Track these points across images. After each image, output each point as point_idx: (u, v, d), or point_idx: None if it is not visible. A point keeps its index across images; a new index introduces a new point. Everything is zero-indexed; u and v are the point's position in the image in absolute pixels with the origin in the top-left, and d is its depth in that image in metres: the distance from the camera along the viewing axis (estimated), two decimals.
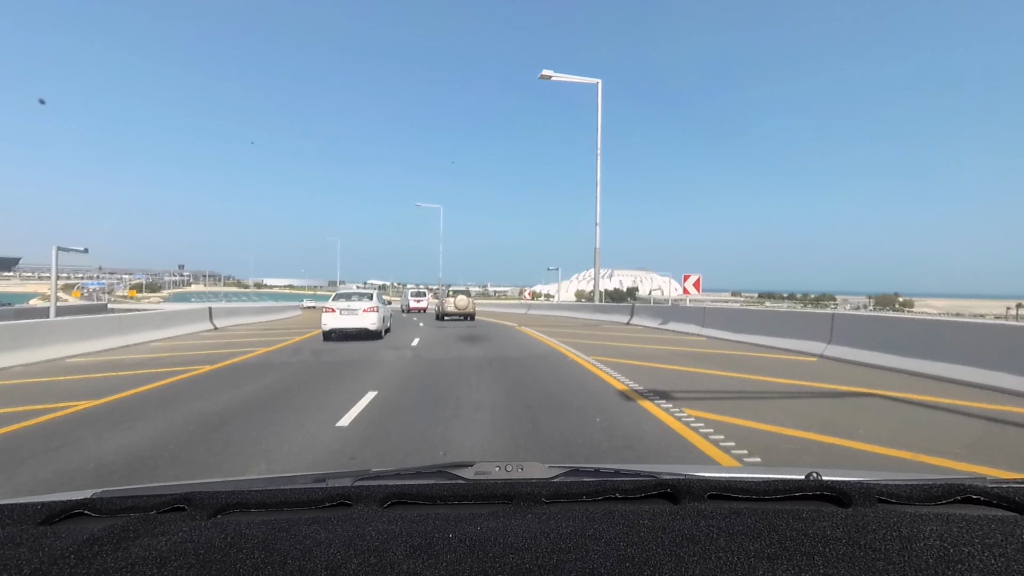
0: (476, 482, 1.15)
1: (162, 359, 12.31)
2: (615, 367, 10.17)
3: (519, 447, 5.16)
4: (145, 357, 12.71)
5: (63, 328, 13.29)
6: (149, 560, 0.79)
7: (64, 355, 12.41)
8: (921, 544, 0.83)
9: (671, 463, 4.73)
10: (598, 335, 17.87)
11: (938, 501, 1.03)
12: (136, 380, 9.26)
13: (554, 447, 5.13)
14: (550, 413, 6.53)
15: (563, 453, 4.96)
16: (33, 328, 12.39)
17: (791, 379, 8.83)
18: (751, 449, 5.00)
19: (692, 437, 5.44)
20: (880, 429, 5.74)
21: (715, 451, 5.00)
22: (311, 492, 1.06)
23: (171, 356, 12.86)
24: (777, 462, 4.70)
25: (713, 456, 4.86)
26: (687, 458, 4.83)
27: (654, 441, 5.32)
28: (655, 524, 0.90)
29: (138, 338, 15.97)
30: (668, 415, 6.36)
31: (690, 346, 14.13)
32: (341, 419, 6.26)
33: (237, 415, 6.59)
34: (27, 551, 0.82)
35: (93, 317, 15.32)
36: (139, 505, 1.00)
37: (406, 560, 0.78)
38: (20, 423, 6.32)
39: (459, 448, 5.13)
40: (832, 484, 1.06)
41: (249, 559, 0.79)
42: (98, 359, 12.30)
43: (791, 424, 5.91)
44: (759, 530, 0.87)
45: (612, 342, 15.27)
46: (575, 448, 5.08)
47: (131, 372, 10.30)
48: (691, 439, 5.37)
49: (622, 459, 4.76)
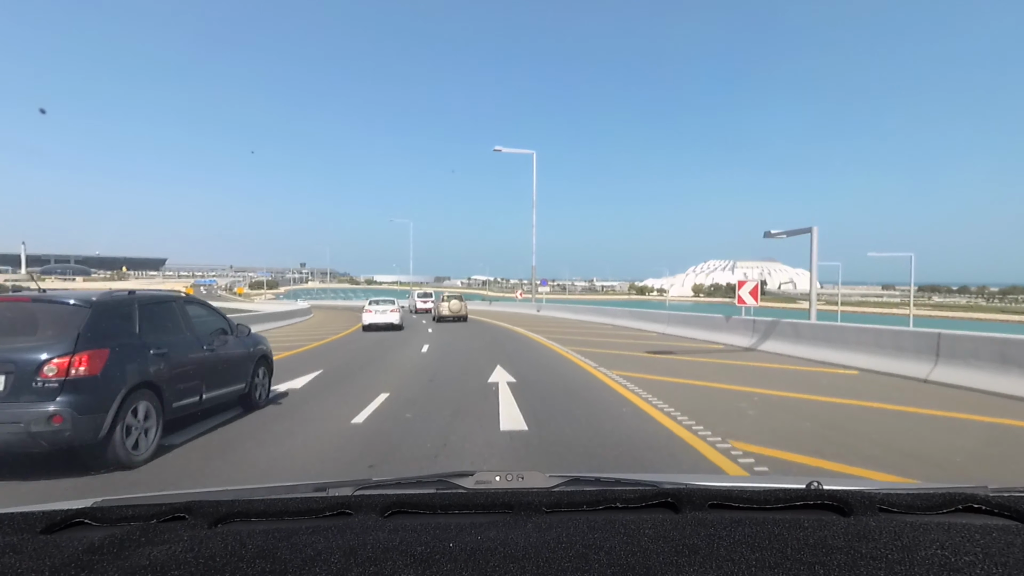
0: (476, 491, 1.15)
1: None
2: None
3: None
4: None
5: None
6: (150, 569, 0.79)
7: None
8: (922, 553, 0.82)
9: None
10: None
11: (939, 510, 1.02)
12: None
13: None
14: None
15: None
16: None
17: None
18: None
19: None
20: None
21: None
22: (311, 501, 1.07)
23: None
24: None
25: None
26: None
27: None
28: (656, 533, 0.90)
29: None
30: None
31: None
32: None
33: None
34: (28, 560, 0.82)
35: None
36: (139, 514, 1.01)
37: (406, 570, 0.78)
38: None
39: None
40: (833, 493, 1.06)
41: (250, 568, 0.79)
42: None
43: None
44: (760, 539, 0.87)
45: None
46: None
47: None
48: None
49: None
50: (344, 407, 7.51)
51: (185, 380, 5.98)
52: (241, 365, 7.21)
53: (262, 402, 7.73)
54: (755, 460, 5.06)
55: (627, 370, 10.79)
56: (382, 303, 25.10)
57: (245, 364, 7.31)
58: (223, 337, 6.99)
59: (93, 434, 4.69)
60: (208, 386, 6.40)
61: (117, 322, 5.32)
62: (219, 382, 6.65)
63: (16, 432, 4.40)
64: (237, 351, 7.16)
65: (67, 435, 4.54)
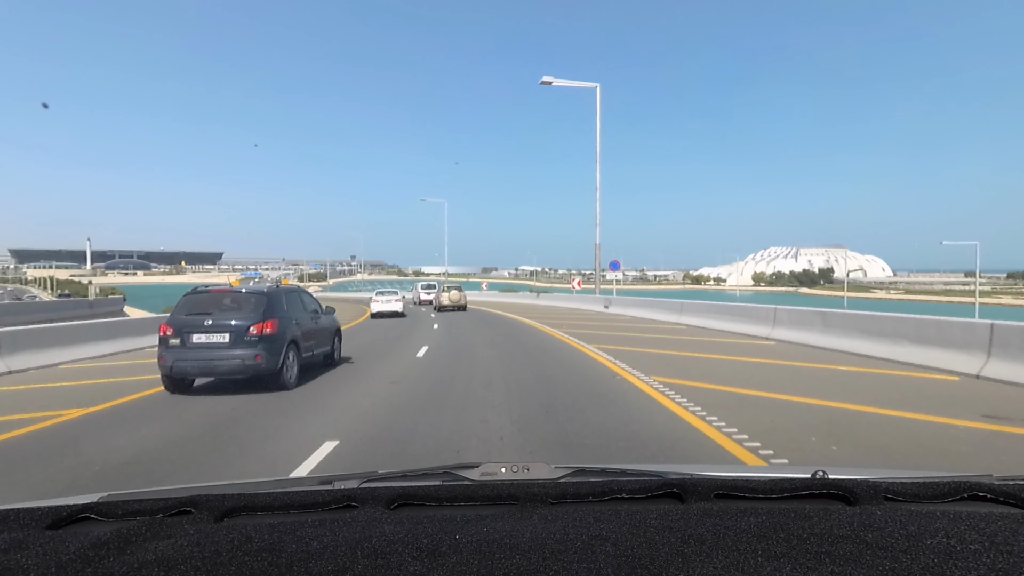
0: (482, 483, 1.15)
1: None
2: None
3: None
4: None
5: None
6: (156, 564, 0.79)
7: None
8: (928, 542, 0.82)
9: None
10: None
11: (945, 499, 1.02)
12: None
13: None
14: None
15: None
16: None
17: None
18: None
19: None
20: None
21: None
22: (317, 494, 1.07)
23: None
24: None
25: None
26: None
27: None
28: (662, 524, 0.90)
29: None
30: None
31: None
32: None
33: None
34: (34, 555, 0.82)
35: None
36: (145, 509, 1.01)
37: (413, 562, 0.78)
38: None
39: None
40: (838, 482, 1.06)
41: (255, 562, 0.79)
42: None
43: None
44: (766, 529, 0.87)
45: None
46: None
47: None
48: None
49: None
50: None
51: (307, 340, 9.36)
52: (328, 334, 10.72)
53: (338, 361, 11.23)
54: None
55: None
56: (387, 294, 28.70)
57: (330, 333, 10.86)
58: (317, 315, 10.35)
59: (274, 367, 8.17)
60: (315, 346, 9.82)
61: (277, 304, 8.73)
62: (319, 344, 10.06)
63: (237, 364, 7.99)
64: (326, 324, 10.67)
65: (262, 366, 8.05)
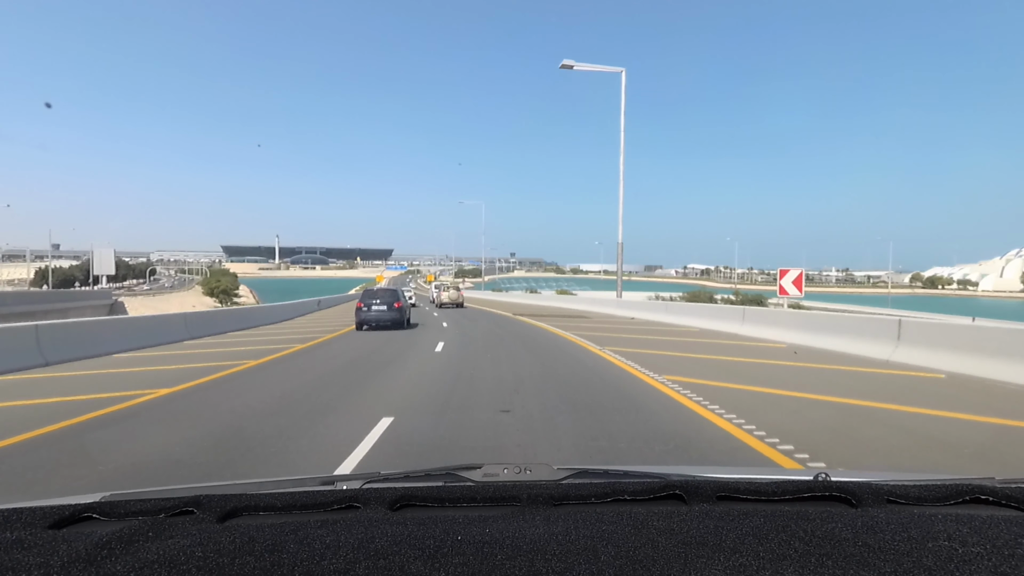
0: (484, 484, 1.15)
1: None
2: None
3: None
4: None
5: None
6: (158, 564, 0.78)
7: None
8: (930, 545, 0.82)
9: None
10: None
11: (947, 501, 1.02)
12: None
13: None
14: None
15: None
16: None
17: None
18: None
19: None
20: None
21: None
22: (320, 495, 1.07)
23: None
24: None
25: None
26: None
27: None
28: (664, 525, 0.90)
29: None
30: None
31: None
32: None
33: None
34: (36, 555, 0.81)
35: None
36: (148, 508, 1.00)
37: (415, 563, 0.78)
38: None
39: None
40: (841, 485, 1.06)
41: (258, 562, 0.79)
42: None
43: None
44: (768, 531, 0.87)
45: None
46: None
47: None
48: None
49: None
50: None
51: (408, 311, 23.14)
52: (407, 307, 22.49)
53: (408, 325, 21.28)
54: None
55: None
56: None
57: (407, 307, 22.77)
58: (408, 299, 27.59)
59: (403, 321, 21.06)
60: (408, 313, 22.57)
61: (400, 293, 22.07)
62: (408, 313, 23.00)
63: (395, 317, 20.47)
64: (405, 301, 22.15)
65: (399, 320, 20.62)
